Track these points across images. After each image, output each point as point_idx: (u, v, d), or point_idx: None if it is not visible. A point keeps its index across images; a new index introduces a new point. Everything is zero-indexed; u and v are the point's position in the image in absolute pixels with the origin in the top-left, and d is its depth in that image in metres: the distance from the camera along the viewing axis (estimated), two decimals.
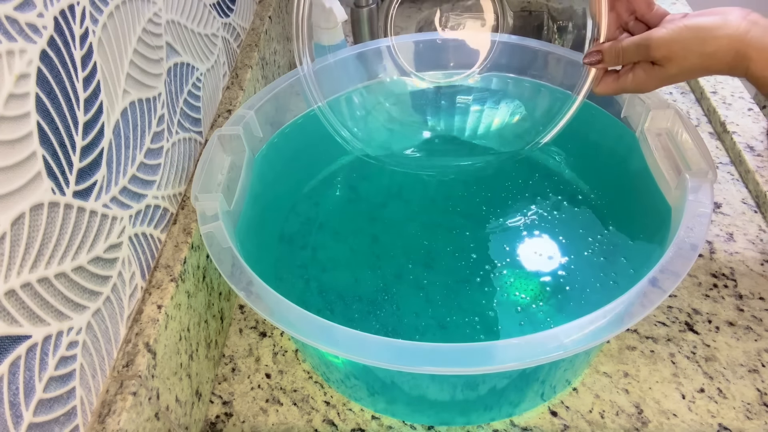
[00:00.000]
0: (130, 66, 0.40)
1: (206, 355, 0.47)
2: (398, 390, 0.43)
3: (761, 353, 0.48)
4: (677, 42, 0.41)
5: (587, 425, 0.44)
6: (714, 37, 0.40)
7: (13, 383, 0.28)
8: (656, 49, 0.42)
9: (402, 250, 0.53)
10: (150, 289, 0.41)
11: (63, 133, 0.32)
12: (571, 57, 0.55)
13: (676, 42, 0.41)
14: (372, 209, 0.58)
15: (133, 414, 0.35)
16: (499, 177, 0.59)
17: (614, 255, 0.50)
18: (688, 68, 0.42)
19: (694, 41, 0.41)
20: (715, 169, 0.42)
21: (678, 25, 0.42)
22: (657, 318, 0.51)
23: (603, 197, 0.55)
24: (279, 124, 0.56)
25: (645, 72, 0.44)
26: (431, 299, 0.49)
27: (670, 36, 0.41)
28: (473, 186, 0.59)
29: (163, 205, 0.44)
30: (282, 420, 0.46)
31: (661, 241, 0.43)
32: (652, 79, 0.44)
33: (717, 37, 0.40)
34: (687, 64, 0.42)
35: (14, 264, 0.28)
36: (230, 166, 0.48)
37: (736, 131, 0.65)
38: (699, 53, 0.41)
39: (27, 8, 0.29)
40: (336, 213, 0.58)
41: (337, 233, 0.56)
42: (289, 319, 0.36)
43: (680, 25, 0.41)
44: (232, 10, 0.63)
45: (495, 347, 0.34)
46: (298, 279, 0.51)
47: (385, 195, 0.59)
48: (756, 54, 0.40)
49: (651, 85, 0.44)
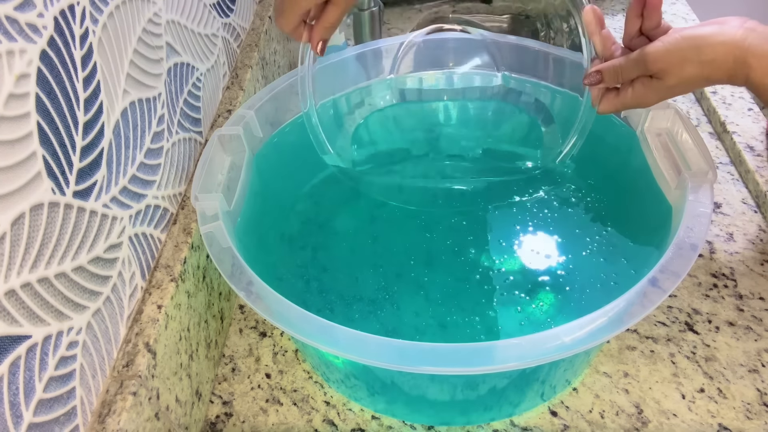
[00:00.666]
0: (130, 66, 0.40)
1: (206, 355, 0.47)
2: (398, 390, 0.43)
3: (761, 353, 0.48)
4: (673, 52, 0.41)
5: (587, 425, 0.44)
6: (711, 45, 0.40)
7: (13, 383, 0.28)
8: (653, 62, 0.41)
9: (402, 250, 0.53)
10: (150, 289, 0.41)
11: (63, 133, 0.32)
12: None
13: (672, 53, 0.41)
14: (372, 208, 0.58)
15: (133, 414, 0.35)
16: (500, 177, 0.59)
17: (614, 255, 0.50)
18: (686, 78, 0.41)
19: (690, 50, 0.40)
20: (715, 169, 0.42)
21: (674, 36, 0.41)
22: (657, 318, 0.51)
23: (603, 197, 0.55)
24: (279, 124, 0.56)
25: (644, 86, 0.44)
26: (431, 299, 0.49)
27: (666, 48, 0.41)
28: (473, 185, 0.59)
29: (163, 205, 0.44)
30: (282, 420, 0.46)
31: (661, 241, 0.43)
32: (652, 92, 0.43)
33: (714, 44, 0.40)
34: (685, 74, 0.41)
35: (14, 264, 0.28)
36: (230, 166, 0.48)
37: (736, 131, 0.65)
38: (697, 62, 0.41)
39: (27, 8, 0.29)
40: (336, 212, 0.58)
41: (337, 233, 0.56)
42: (289, 319, 0.36)
43: (676, 36, 0.41)
44: (232, 10, 0.63)
45: (495, 347, 0.34)
46: (298, 279, 0.51)
47: (385, 194, 0.59)
48: (755, 61, 0.39)
49: (652, 99, 0.44)
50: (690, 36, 0.41)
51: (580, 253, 0.52)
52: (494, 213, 0.56)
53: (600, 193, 0.56)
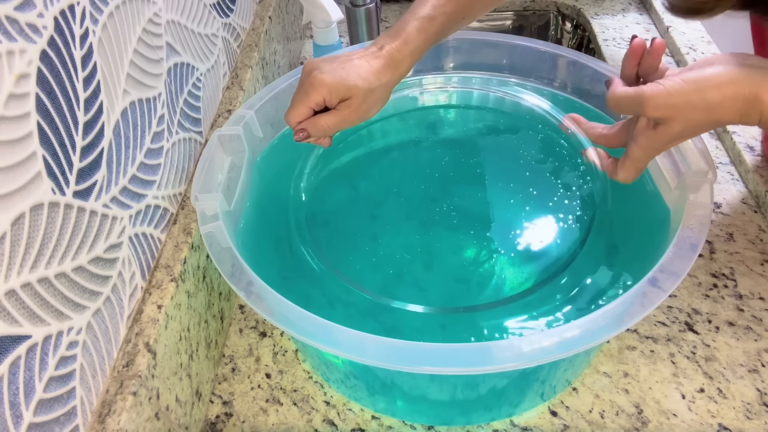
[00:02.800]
0: (130, 66, 0.40)
1: (206, 355, 0.47)
2: (398, 390, 0.43)
3: (761, 353, 0.48)
4: (677, 96, 0.38)
5: (587, 425, 0.44)
6: (716, 86, 0.37)
7: (13, 383, 0.28)
8: (654, 108, 0.38)
9: (402, 249, 0.53)
10: (150, 289, 0.41)
11: (63, 133, 0.32)
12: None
13: (675, 97, 0.38)
14: (372, 208, 0.58)
15: (133, 414, 0.35)
16: (499, 177, 0.59)
17: (614, 255, 0.50)
18: (693, 123, 0.38)
19: (695, 94, 0.37)
20: (715, 169, 0.42)
21: (675, 80, 0.38)
22: (657, 318, 0.51)
23: (603, 197, 0.55)
24: (279, 124, 0.56)
25: (647, 138, 0.40)
26: (431, 299, 0.49)
27: (668, 91, 0.38)
28: (473, 185, 0.59)
29: (163, 205, 0.44)
30: (282, 420, 0.46)
31: (661, 241, 0.43)
32: (657, 141, 0.40)
33: (720, 85, 0.37)
34: (692, 119, 0.38)
35: (14, 264, 0.28)
36: (230, 166, 0.48)
37: (736, 131, 0.65)
38: (704, 107, 0.37)
39: (27, 8, 0.29)
40: (336, 212, 0.58)
41: (337, 232, 0.56)
42: (289, 319, 0.36)
43: (677, 80, 0.38)
44: (232, 10, 0.63)
45: (495, 347, 0.34)
46: (299, 278, 0.51)
47: (385, 194, 0.59)
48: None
49: (659, 146, 0.41)
50: (692, 79, 0.38)
51: (580, 253, 0.52)
52: (494, 213, 0.56)
53: (600, 193, 0.56)
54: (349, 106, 0.45)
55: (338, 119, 0.45)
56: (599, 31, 0.89)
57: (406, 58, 0.47)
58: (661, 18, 0.87)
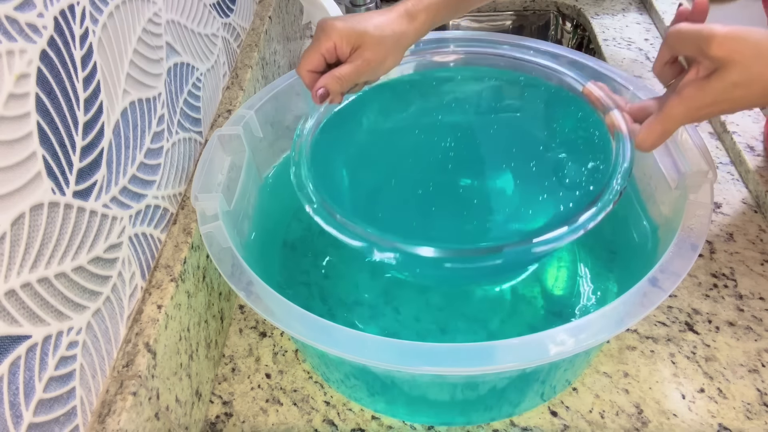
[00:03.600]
0: (130, 66, 0.40)
1: (206, 355, 0.47)
2: (398, 390, 0.43)
3: (761, 353, 0.48)
4: (747, 40, 0.33)
5: (587, 425, 0.44)
6: None
7: (13, 383, 0.28)
8: (719, 45, 0.33)
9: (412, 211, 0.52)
10: (150, 289, 0.41)
11: (63, 133, 0.32)
12: None
13: (744, 40, 0.33)
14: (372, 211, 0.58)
15: (133, 414, 0.35)
16: (499, 178, 0.59)
17: (614, 255, 0.50)
18: (752, 78, 0.34)
19: (766, 42, 0.33)
20: (715, 169, 0.42)
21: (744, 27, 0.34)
22: (657, 318, 0.51)
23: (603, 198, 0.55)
24: (279, 124, 0.56)
25: (695, 88, 0.35)
26: (432, 304, 0.49)
27: (738, 32, 0.33)
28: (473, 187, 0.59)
29: (163, 205, 0.44)
30: (282, 420, 0.46)
31: (661, 241, 0.43)
32: (705, 94, 0.35)
33: None
34: (754, 72, 0.33)
35: (14, 264, 0.28)
36: (230, 166, 0.48)
37: (736, 131, 0.65)
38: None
39: (27, 8, 0.29)
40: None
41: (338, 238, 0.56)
42: (289, 319, 0.36)
43: (741, 29, 0.34)
44: (232, 10, 0.63)
45: (495, 347, 0.34)
46: (300, 285, 0.51)
47: (393, 170, 0.58)
48: None
49: (703, 103, 0.35)
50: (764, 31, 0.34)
51: (579, 253, 0.52)
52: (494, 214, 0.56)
53: (600, 194, 0.56)
54: (361, 56, 0.44)
55: (352, 68, 0.45)
56: (599, 31, 0.89)
57: (421, 12, 0.46)
58: (661, 18, 0.87)
